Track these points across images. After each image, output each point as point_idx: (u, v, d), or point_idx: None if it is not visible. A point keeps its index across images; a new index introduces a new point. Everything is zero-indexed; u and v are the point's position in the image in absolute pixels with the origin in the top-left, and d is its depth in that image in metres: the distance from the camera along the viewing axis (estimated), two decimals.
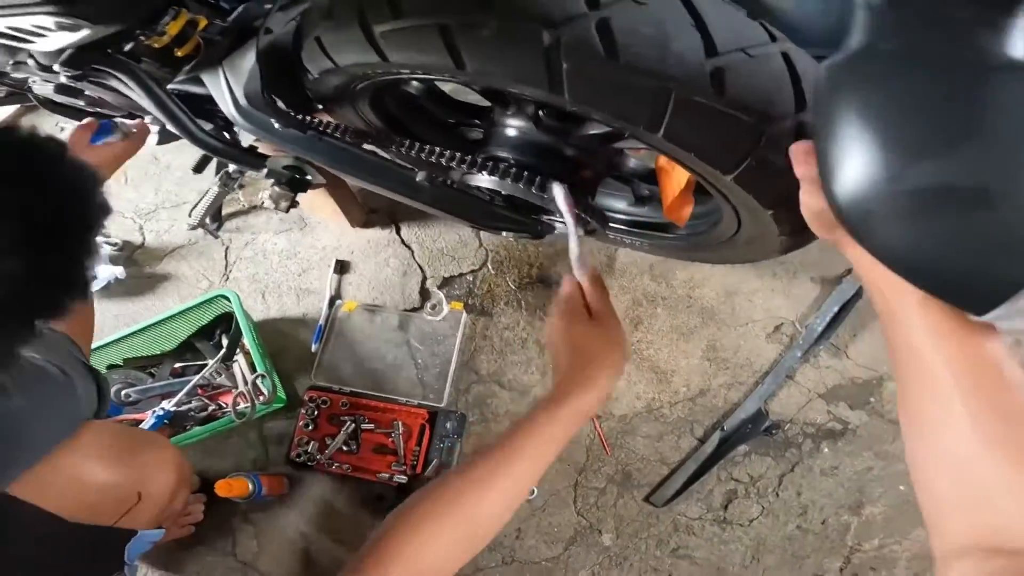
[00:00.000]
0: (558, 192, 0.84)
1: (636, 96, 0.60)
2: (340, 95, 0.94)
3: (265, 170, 0.97)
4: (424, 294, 1.47)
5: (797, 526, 1.34)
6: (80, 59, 0.82)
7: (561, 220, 1.14)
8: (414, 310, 1.46)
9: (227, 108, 0.94)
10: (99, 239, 1.55)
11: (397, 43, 0.68)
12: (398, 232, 1.51)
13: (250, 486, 1.27)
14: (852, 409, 1.37)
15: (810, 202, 0.57)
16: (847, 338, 1.39)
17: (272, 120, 0.94)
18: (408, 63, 0.69)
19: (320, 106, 1.00)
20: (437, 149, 0.91)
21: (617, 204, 1.20)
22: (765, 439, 1.35)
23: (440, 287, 1.47)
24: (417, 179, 1.04)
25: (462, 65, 0.64)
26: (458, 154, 0.90)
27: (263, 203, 0.97)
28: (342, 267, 1.49)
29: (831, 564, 1.33)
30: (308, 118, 0.96)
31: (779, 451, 1.36)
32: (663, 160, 0.93)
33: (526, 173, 0.86)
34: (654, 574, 1.33)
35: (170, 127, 0.90)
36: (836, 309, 1.39)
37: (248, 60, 0.89)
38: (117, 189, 1.66)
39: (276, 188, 0.95)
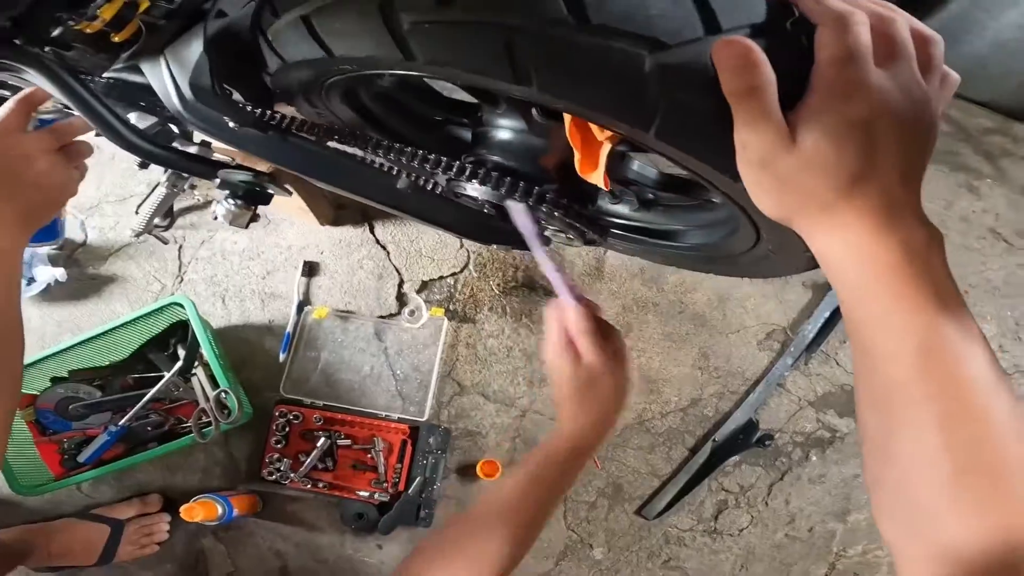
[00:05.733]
0: (516, 210, 0.67)
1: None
2: (308, 88, 0.72)
3: (218, 180, 0.74)
4: (401, 299, 1.25)
5: (785, 534, 1.23)
6: None
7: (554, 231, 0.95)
8: (391, 316, 1.24)
9: (171, 103, 0.71)
10: None
11: (432, 41, 0.47)
12: (372, 231, 1.27)
13: (219, 509, 1.07)
14: (840, 417, 1.25)
15: (753, 139, 0.38)
16: (836, 344, 1.25)
17: (226, 118, 0.72)
18: (441, 64, 0.48)
19: (282, 100, 0.78)
20: (418, 151, 0.71)
21: (620, 209, 1.01)
22: (756, 450, 1.22)
23: (419, 291, 1.25)
24: (398, 186, 0.83)
25: (524, 80, 0.45)
26: (440, 157, 0.71)
27: (216, 218, 0.75)
28: (311, 269, 1.25)
29: (817, 571, 1.23)
30: (269, 115, 0.74)
31: (769, 460, 1.23)
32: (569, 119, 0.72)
33: (510, 179, 0.67)
34: None
35: (96, 128, 0.66)
36: (827, 315, 1.25)
37: (195, 49, 0.66)
38: None
39: (231, 204, 0.72)
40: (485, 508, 0.68)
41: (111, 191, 1.32)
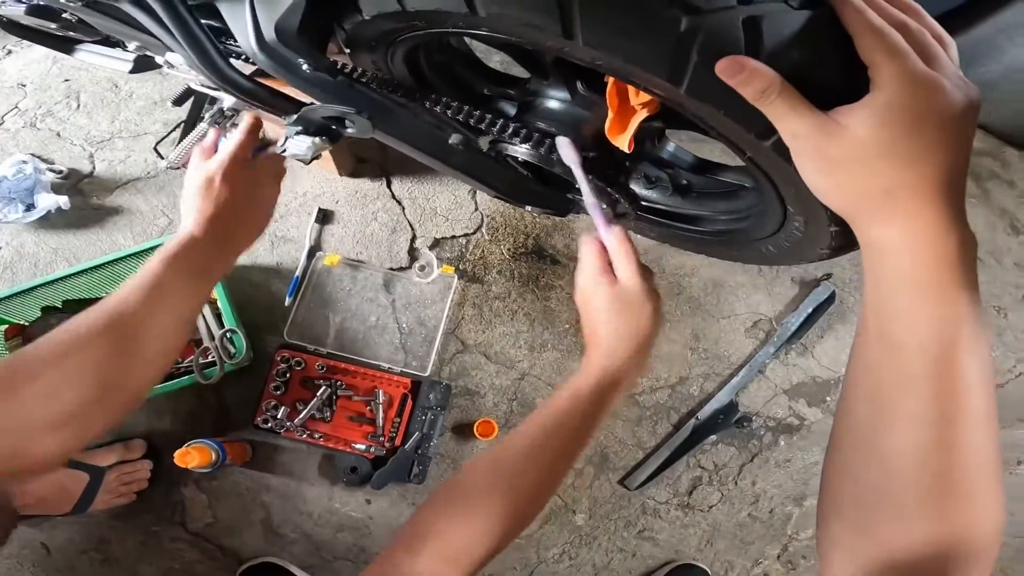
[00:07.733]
0: (563, 145, 0.72)
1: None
2: (380, 43, 0.75)
3: (294, 117, 0.75)
4: (412, 254, 1.26)
5: (748, 514, 1.32)
6: None
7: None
8: (401, 269, 1.26)
9: (246, 41, 0.71)
10: (41, 166, 1.23)
11: None
12: (389, 185, 1.27)
13: (213, 455, 1.07)
14: (809, 406, 1.35)
15: (799, 125, 0.40)
16: (815, 339, 1.36)
17: (300, 61, 0.72)
18: (496, 20, 0.53)
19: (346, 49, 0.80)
20: (478, 111, 0.75)
21: (652, 194, 1.06)
22: (734, 430, 1.31)
23: (430, 248, 1.27)
24: (450, 141, 0.87)
25: (571, 35, 0.49)
26: (496, 118, 0.75)
27: (284, 152, 0.75)
28: (325, 216, 1.25)
29: (771, 551, 1.32)
30: (342, 62, 0.76)
31: (743, 442, 1.32)
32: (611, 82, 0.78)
33: (547, 140, 0.74)
34: (620, 554, 1.28)
35: (188, 56, 0.65)
36: (811, 310, 1.35)
37: None
38: (67, 114, 1.30)
39: (316, 139, 0.73)
40: (515, 446, 0.64)
41: (125, 127, 1.28)
